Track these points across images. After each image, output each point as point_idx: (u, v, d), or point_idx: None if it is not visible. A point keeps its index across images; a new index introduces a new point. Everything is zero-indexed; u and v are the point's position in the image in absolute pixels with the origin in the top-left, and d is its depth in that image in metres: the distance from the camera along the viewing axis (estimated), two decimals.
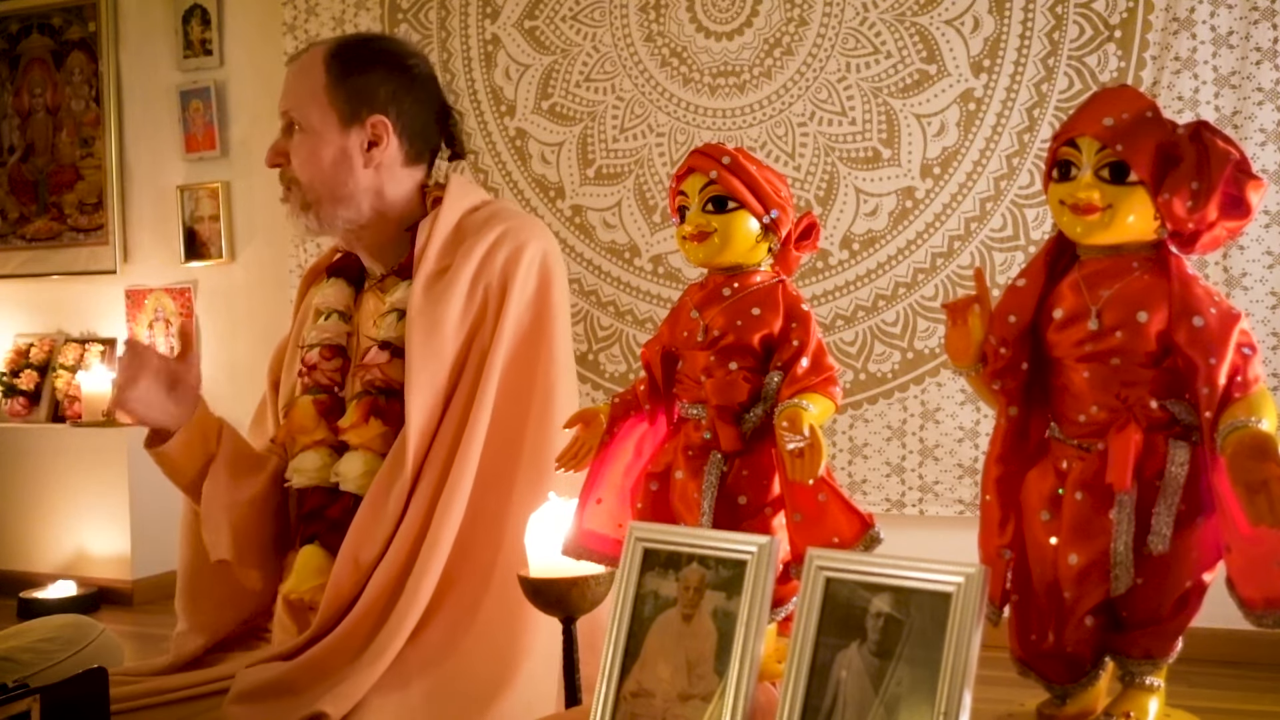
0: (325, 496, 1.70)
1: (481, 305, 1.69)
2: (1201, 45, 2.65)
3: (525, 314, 1.71)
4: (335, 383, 1.77)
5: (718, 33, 3.09)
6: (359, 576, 1.61)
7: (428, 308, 1.67)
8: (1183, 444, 1.04)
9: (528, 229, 1.75)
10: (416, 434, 1.63)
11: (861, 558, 0.94)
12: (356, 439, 1.68)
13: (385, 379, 1.68)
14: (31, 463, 3.79)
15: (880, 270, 2.94)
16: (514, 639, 1.56)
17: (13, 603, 3.50)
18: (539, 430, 1.66)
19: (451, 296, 1.68)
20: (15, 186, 4.14)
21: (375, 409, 1.67)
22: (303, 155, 1.72)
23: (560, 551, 1.33)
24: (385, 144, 1.74)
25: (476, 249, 1.70)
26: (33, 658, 1.71)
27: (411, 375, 1.65)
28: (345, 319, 1.81)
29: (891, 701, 0.87)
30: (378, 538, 1.61)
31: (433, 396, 1.65)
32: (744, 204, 1.26)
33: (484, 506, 1.63)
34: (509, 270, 1.70)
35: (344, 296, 1.83)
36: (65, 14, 4.02)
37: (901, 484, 2.91)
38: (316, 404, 1.74)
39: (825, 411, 1.21)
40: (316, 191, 1.72)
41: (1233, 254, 2.64)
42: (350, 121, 1.72)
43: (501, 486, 1.65)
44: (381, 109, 1.74)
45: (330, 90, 1.72)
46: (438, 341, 1.66)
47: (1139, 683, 1.09)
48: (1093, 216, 1.05)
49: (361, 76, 1.74)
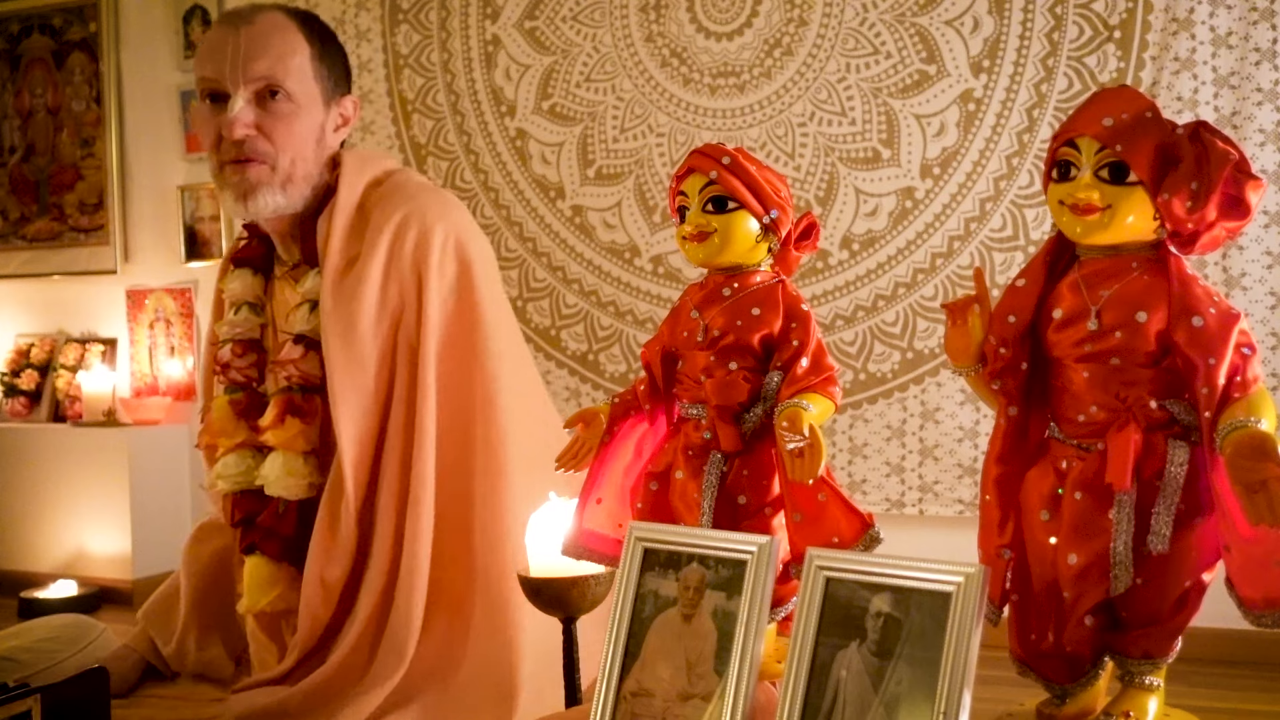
0: (255, 501, 1.63)
1: (399, 300, 1.59)
2: (1201, 46, 2.65)
3: (450, 303, 1.60)
4: (252, 379, 1.67)
5: (718, 33, 3.09)
6: (328, 595, 1.55)
7: (339, 309, 1.57)
8: (1182, 444, 1.05)
9: (434, 209, 1.62)
10: (351, 446, 1.55)
11: (861, 558, 0.94)
12: (275, 440, 1.59)
13: (302, 375, 1.60)
14: (32, 463, 3.79)
15: (880, 270, 2.94)
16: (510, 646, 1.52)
17: (13, 602, 3.50)
18: (487, 424, 1.57)
19: (363, 293, 1.57)
20: (16, 186, 4.14)
21: (292, 407, 1.59)
22: (289, 129, 1.59)
23: (560, 551, 1.33)
24: (350, 124, 1.67)
25: (382, 237, 1.59)
26: (34, 657, 1.71)
27: (334, 382, 1.55)
28: (258, 310, 1.71)
29: (891, 701, 0.88)
30: (339, 557, 1.55)
31: (360, 402, 1.56)
32: (744, 204, 1.26)
33: (450, 512, 1.56)
34: (420, 258, 1.58)
35: (253, 287, 1.72)
36: (66, 14, 4.02)
37: (901, 484, 2.91)
38: (233, 404, 1.65)
39: (825, 411, 1.21)
40: (297, 170, 1.61)
41: (1232, 254, 2.64)
42: (330, 98, 1.64)
43: (462, 489, 1.57)
44: (350, 88, 1.67)
45: (315, 63, 1.62)
46: (355, 342, 1.56)
47: (1138, 682, 1.10)
48: (1092, 217, 1.05)
49: (335, 53, 1.67)
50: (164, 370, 3.92)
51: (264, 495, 1.62)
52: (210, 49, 1.60)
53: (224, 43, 1.58)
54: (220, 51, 1.58)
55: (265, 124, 1.59)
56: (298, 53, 1.60)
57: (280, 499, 1.60)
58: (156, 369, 3.93)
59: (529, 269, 3.26)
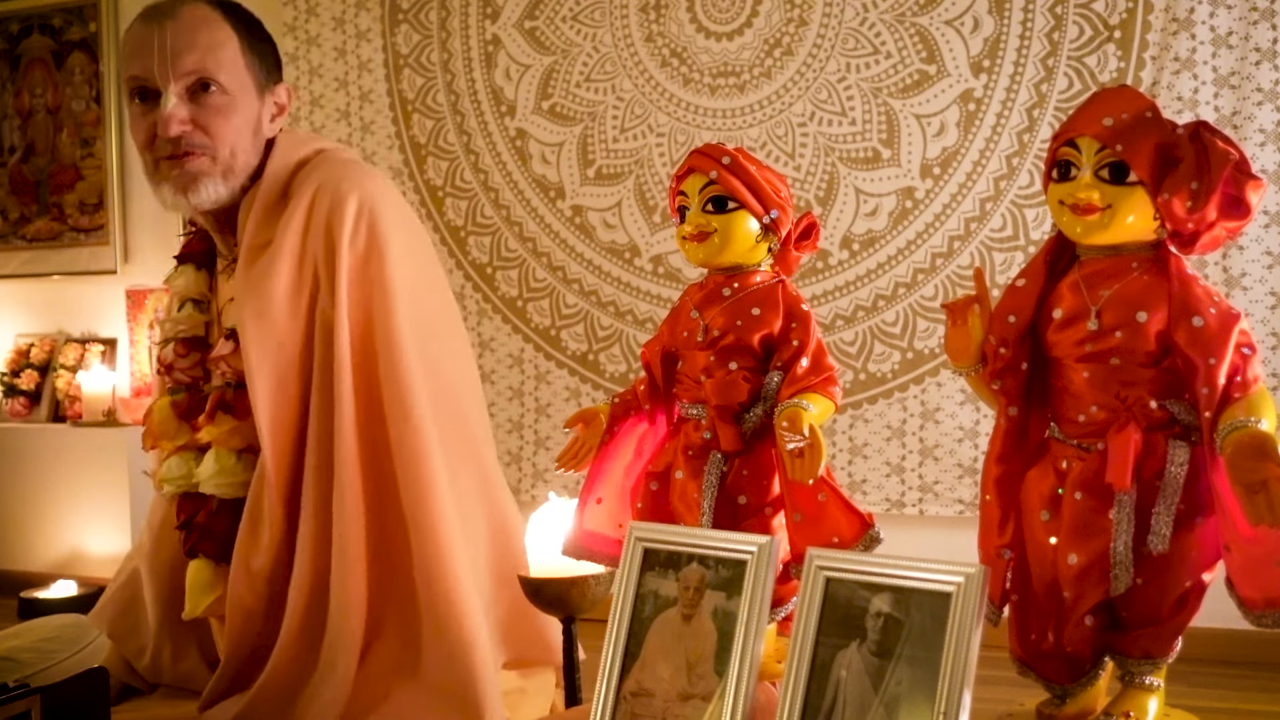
0: (198, 503, 1.59)
1: (314, 277, 1.52)
2: (1201, 45, 2.65)
3: (360, 275, 1.52)
4: (197, 379, 1.62)
5: (718, 33, 3.09)
6: (255, 587, 1.51)
7: (251, 291, 1.51)
8: (1182, 444, 1.04)
9: (349, 178, 1.55)
10: (270, 431, 1.49)
11: (861, 558, 0.94)
12: (208, 437, 1.56)
13: (234, 371, 1.54)
14: (31, 463, 3.79)
15: (880, 270, 2.94)
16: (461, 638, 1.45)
17: (13, 602, 3.50)
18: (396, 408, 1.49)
19: (276, 273, 1.50)
20: (16, 186, 4.14)
21: (223, 404, 1.55)
22: (226, 121, 1.54)
23: (560, 551, 1.33)
24: (286, 113, 1.62)
25: (295, 216, 1.52)
26: (33, 657, 1.71)
27: (249, 370, 1.50)
28: (202, 308, 1.67)
29: (891, 701, 0.88)
30: (263, 545, 1.50)
31: (275, 384, 1.50)
32: (744, 204, 1.26)
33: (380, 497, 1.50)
34: (333, 231, 1.51)
35: (197, 283, 1.68)
36: (66, 14, 4.02)
37: (901, 484, 2.91)
38: (175, 405, 1.61)
39: (825, 411, 1.21)
40: (237, 160, 1.56)
41: (1232, 254, 2.64)
42: (263, 87, 1.59)
43: (385, 473, 1.51)
44: (280, 76, 1.63)
45: (246, 53, 1.57)
46: (268, 327, 1.50)
47: (1139, 682, 1.09)
48: (1092, 216, 1.05)
49: (263, 41, 1.62)
50: None
51: (204, 497, 1.58)
52: (135, 47, 1.55)
53: (149, 39, 1.53)
54: (146, 48, 1.53)
55: (200, 118, 1.54)
56: (226, 44, 1.56)
57: (214, 498, 1.57)
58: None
59: (529, 269, 3.26)
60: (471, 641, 1.45)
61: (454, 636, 1.45)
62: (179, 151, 1.53)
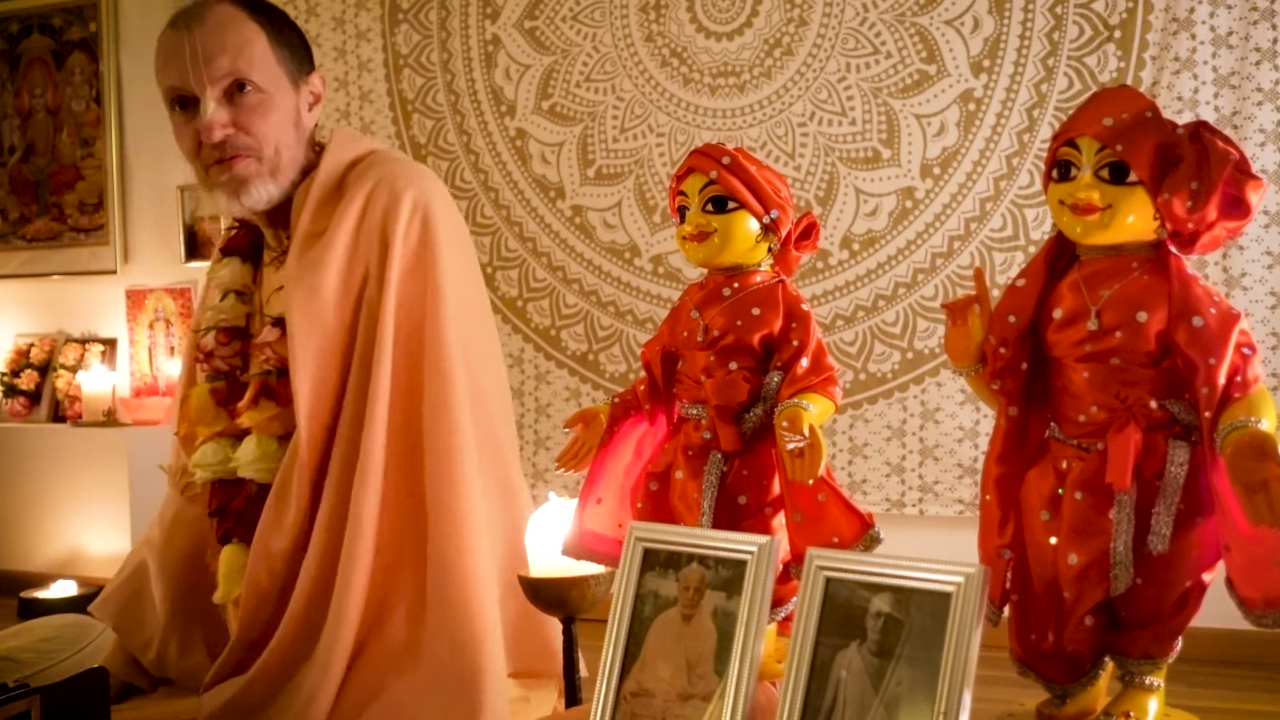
0: (232, 490, 1.60)
1: (365, 267, 1.55)
2: (1201, 45, 2.65)
3: (411, 269, 1.55)
4: (235, 368, 1.64)
5: (718, 33, 3.09)
6: (273, 567, 1.51)
7: (302, 276, 1.53)
8: (1182, 444, 1.04)
9: (405, 176, 1.58)
10: (307, 413, 1.50)
11: (861, 558, 0.94)
12: (250, 421, 1.57)
13: (279, 358, 1.56)
14: (31, 463, 3.79)
15: (880, 270, 2.94)
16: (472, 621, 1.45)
17: (13, 602, 3.50)
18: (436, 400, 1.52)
19: (328, 261, 1.53)
20: (16, 186, 4.14)
21: (266, 390, 1.56)
22: (265, 119, 1.56)
23: (560, 551, 1.33)
24: (322, 101, 1.64)
25: (351, 207, 1.55)
26: (33, 657, 1.71)
27: (294, 350, 1.51)
28: (244, 299, 1.68)
29: (891, 701, 0.88)
30: (285, 526, 1.51)
31: (318, 370, 1.52)
32: (744, 204, 1.26)
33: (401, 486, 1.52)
34: (388, 224, 1.54)
35: (241, 275, 1.69)
36: (65, 14, 4.02)
37: (901, 484, 2.91)
38: (214, 392, 1.62)
39: (825, 411, 1.21)
40: (283, 157, 1.58)
41: (1232, 254, 2.64)
42: (296, 80, 1.61)
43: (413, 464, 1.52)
44: (312, 65, 1.65)
45: (275, 48, 1.58)
46: (317, 309, 1.52)
47: (1139, 682, 1.09)
48: (1092, 216, 1.05)
49: (290, 32, 1.63)
50: (164, 370, 3.91)
51: (240, 483, 1.59)
52: (167, 56, 1.57)
53: (180, 46, 1.55)
54: (178, 56, 1.55)
55: (240, 119, 1.55)
56: (255, 41, 1.56)
57: (252, 482, 1.58)
58: (156, 369, 3.93)
59: (529, 269, 3.26)
60: (481, 638, 1.45)
61: (464, 632, 1.45)
62: (225, 156, 1.55)
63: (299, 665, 1.48)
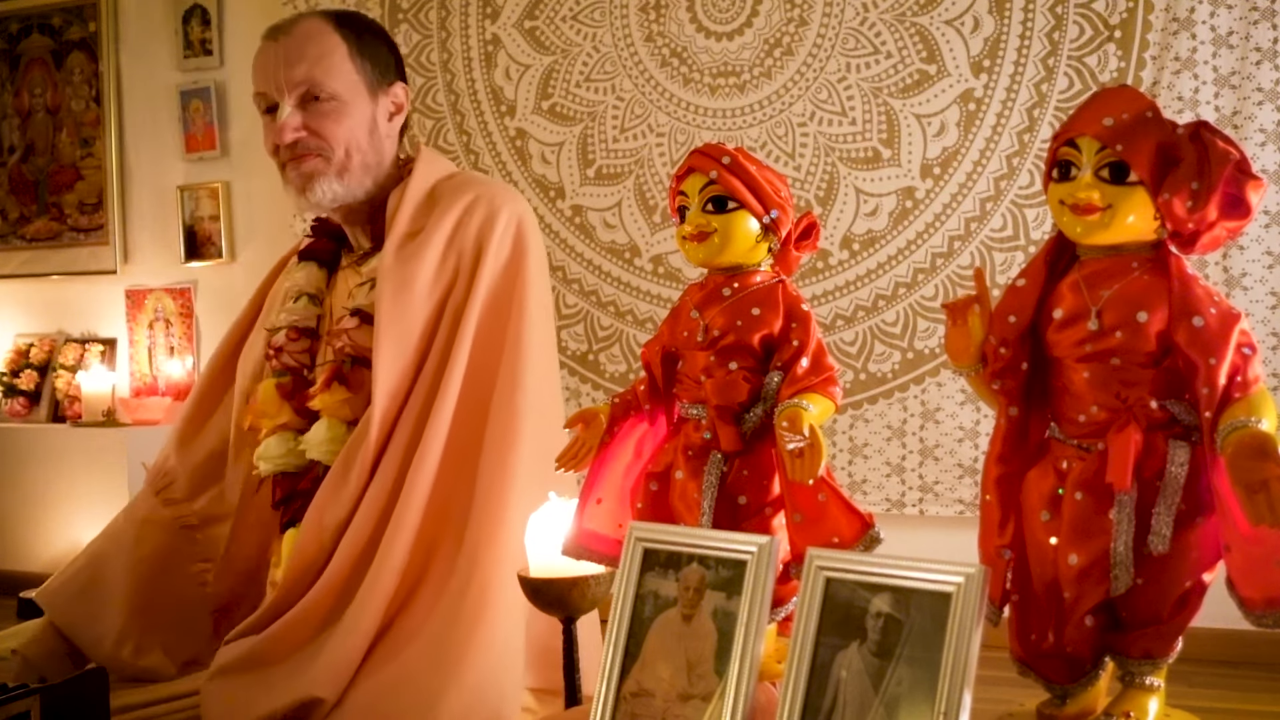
0: (296, 482, 1.67)
1: (455, 268, 1.66)
2: (1201, 45, 2.65)
3: (499, 278, 1.67)
4: (303, 365, 1.74)
5: (718, 33, 3.09)
6: (323, 539, 1.57)
7: (397, 269, 1.64)
8: (1183, 444, 1.04)
9: (502, 194, 1.73)
10: (383, 396, 1.59)
11: (861, 558, 0.94)
12: (321, 404, 1.65)
13: (354, 345, 1.66)
14: (31, 463, 3.79)
15: (880, 270, 2.94)
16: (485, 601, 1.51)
17: (13, 603, 3.50)
18: (505, 398, 1.62)
19: (423, 258, 1.65)
20: (15, 186, 4.14)
21: (339, 375, 1.64)
22: (337, 124, 1.68)
23: (560, 551, 1.33)
24: (405, 111, 1.75)
25: (451, 212, 1.68)
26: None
27: (379, 336, 1.61)
28: (316, 302, 1.78)
29: (891, 701, 0.88)
30: (343, 500, 1.57)
31: (400, 359, 1.62)
32: (744, 204, 1.26)
33: (453, 473, 1.59)
34: (484, 234, 1.67)
35: (315, 279, 1.80)
36: (65, 14, 4.02)
37: (901, 484, 2.91)
38: (280, 387, 1.71)
39: (825, 411, 1.21)
40: (353, 160, 1.69)
41: (1233, 254, 2.64)
42: (376, 89, 1.72)
43: (470, 454, 1.60)
44: (398, 76, 1.76)
45: (354, 59, 1.70)
46: (407, 302, 1.63)
47: (1139, 683, 1.09)
48: (1093, 216, 1.05)
49: (376, 44, 1.74)
50: (163, 370, 3.92)
51: (304, 475, 1.66)
52: (258, 65, 1.71)
53: (268, 56, 1.69)
54: (266, 65, 1.68)
55: (313, 123, 1.67)
56: (334, 52, 1.68)
57: (319, 464, 1.64)
58: (156, 369, 3.93)
59: None
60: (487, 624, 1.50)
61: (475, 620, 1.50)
62: (296, 155, 1.68)
63: (324, 628, 1.53)
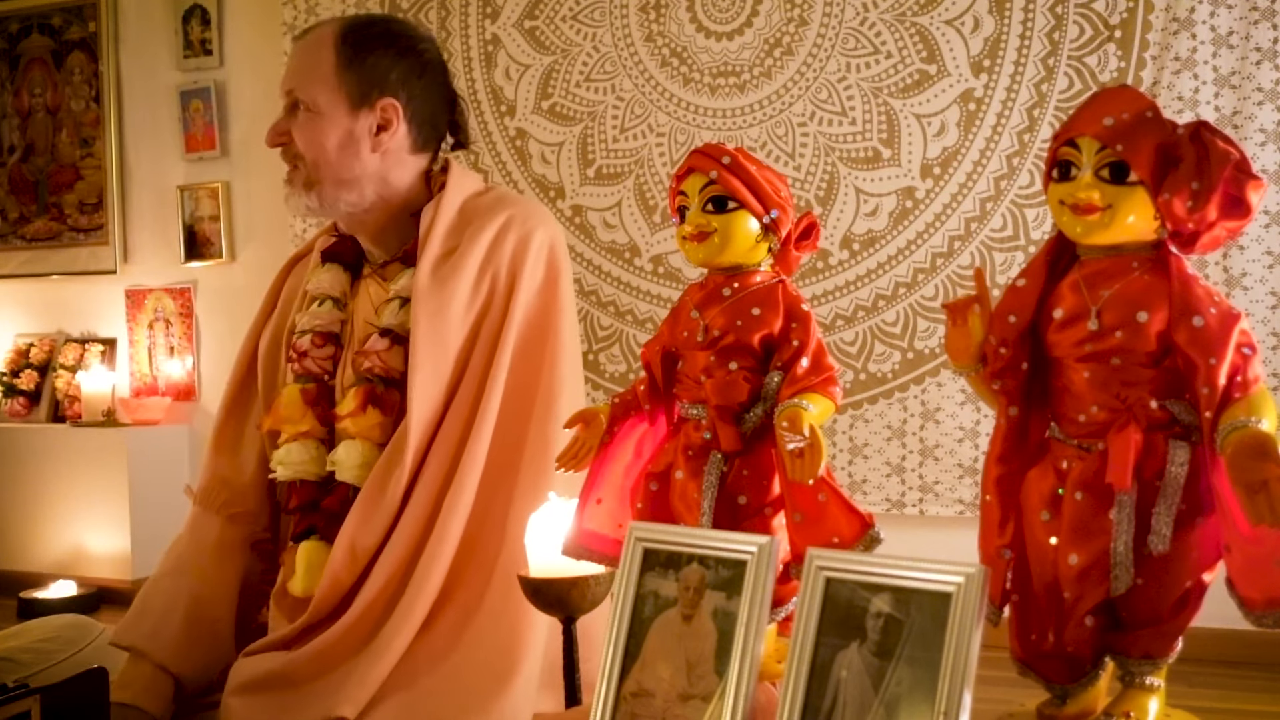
0: (314, 490, 1.66)
1: (489, 291, 1.66)
2: (1201, 45, 2.65)
3: (534, 303, 1.68)
4: (326, 371, 1.72)
5: (718, 33, 3.09)
6: (355, 564, 1.57)
7: (433, 291, 1.64)
8: (1183, 444, 1.04)
9: (535, 216, 1.73)
10: (419, 421, 1.59)
11: (861, 558, 0.94)
12: (354, 428, 1.63)
13: (385, 367, 1.65)
14: (31, 463, 3.79)
15: (880, 270, 2.94)
16: (516, 635, 1.53)
17: (13, 603, 3.50)
18: (542, 424, 1.63)
19: (459, 280, 1.64)
20: (15, 186, 4.14)
21: (373, 397, 1.63)
22: (308, 136, 1.67)
23: (560, 551, 1.33)
24: (394, 129, 1.70)
25: (484, 233, 1.67)
26: (33, 658, 1.70)
27: (416, 360, 1.61)
28: (340, 306, 1.77)
29: (891, 701, 0.87)
30: (376, 526, 1.57)
31: (436, 383, 1.61)
32: (744, 204, 1.26)
33: (488, 499, 1.60)
34: (518, 257, 1.67)
35: (339, 283, 1.78)
36: (65, 14, 4.02)
37: (901, 484, 2.91)
38: (304, 393, 1.69)
39: (825, 411, 1.21)
40: (321, 173, 1.68)
41: (1233, 254, 2.64)
42: (359, 104, 1.68)
43: (505, 480, 1.61)
44: (392, 92, 1.70)
45: (340, 72, 1.67)
46: (443, 326, 1.63)
47: (1139, 683, 1.09)
48: (1093, 216, 1.05)
49: (372, 58, 1.69)
50: (163, 370, 3.92)
51: (323, 484, 1.66)
52: None
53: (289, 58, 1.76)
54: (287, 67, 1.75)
55: (292, 133, 1.69)
56: (322, 63, 1.68)
57: (349, 486, 1.63)
58: (156, 369, 3.93)
59: None
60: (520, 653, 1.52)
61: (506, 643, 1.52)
62: (288, 162, 1.72)
63: (357, 651, 1.53)
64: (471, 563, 1.58)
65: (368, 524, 1.57)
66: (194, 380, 3.87)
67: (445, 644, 1.54)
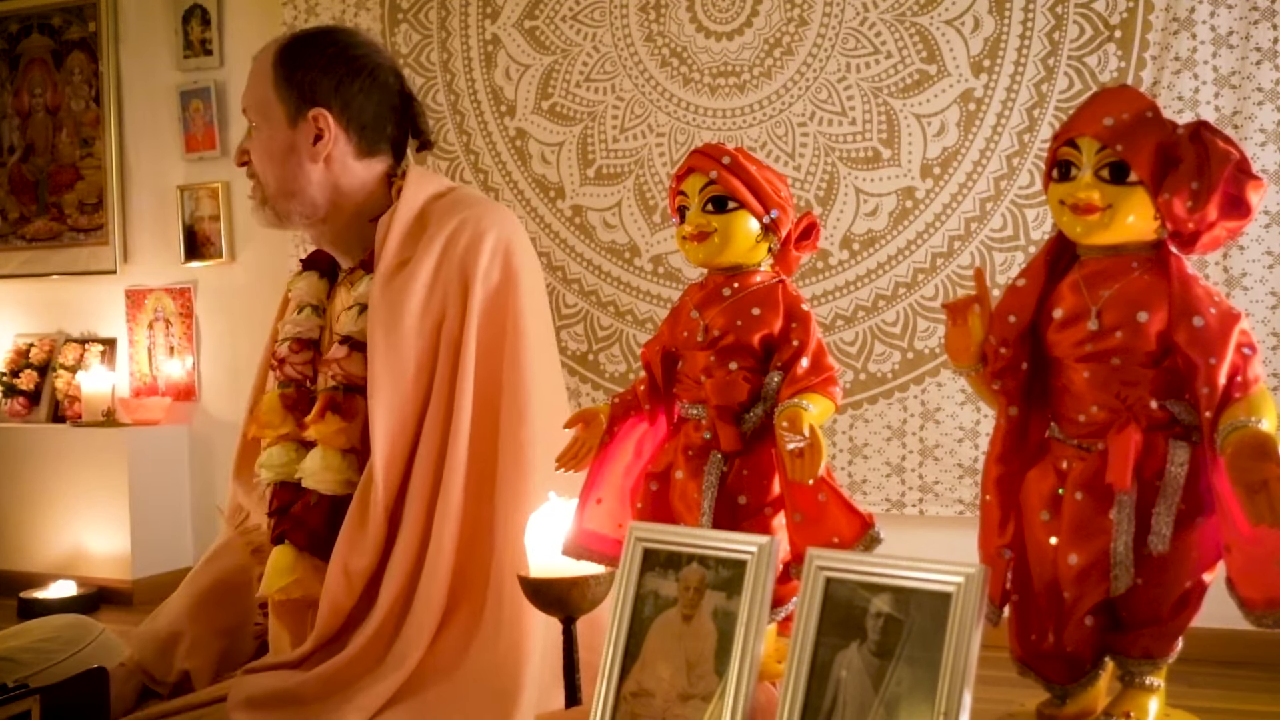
0: (292, 493, 1.69)
1: (442, 299, 1.66)
2: (1201, 45, 2.65)
3: (491, 305, 1.67)
4: (305, 376, 1.75)
5: (718, 33, 3.09)
6: (351, 587, 1.60)
7: (386, 303, 1.64)
8: (1183, 444, 1.04)
9: (489, 216, 1.71)
10: (384, 437, 1.60)
11: (861, 558, 0.94)
12: (316, 434, 1.66)
13: (345, 374, 1.67)
14: (31, 463, 3.79)
15: (880, 270, 2.94)
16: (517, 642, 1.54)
17: (13, 603, 3.50)
18: (513, 426, 1.62)
19: (411, 291, 1.65)
20: (15, 186, 4.14)
21: (333, 404, 1.65)
22: (258, 151, 1.74)
23: (560, 551, 1.33)
24: (329, 137, 1.72)
25: (436, 240, 1.67)
26: (33, 658, 1.71)
27: (374, 375, 1.62)
28: (319, 312, 1.80)
29: (891, 701, 0.87)
30: (366, 547, 1.59)
31: (397, 396, 1.62)
32: (744, 204, 1.26)
33: (475, 506, 1.61)
34: (469, 260, 1.66)
35: (317, 290, 1.81)
36: (65, 14, 4.02)
37: (901, 484, 2.91)
38: (283, 398, 1.73)
39: (825, 411, 1.21)
40: (271, 187, 1.73)
41: (1233, 254, 2.64)
42: (296, 117, 1.72)
43: (486, 485, 1.62)
44: (323, 102, 1.72)
45: (277, 87, 1.72)
46: (398, 338, 1.63)
47: (1139, 683, 1.09)
48: (1093, 216, 1.05)
49: (304, 71, 1.72)
50: (163, 370, 3.91)
51: (301, 487, 1.68)
52: None
53: None
54: None
55: (250, 151, 1.76)
56: (263, 81, 1.74)
57: (314, 492, 1.65)
58: (156, 369, 3.93)
59: None
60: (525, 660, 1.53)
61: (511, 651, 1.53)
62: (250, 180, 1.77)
63: (367, 673, 1.55)
64: (468, 570, 1.59)
65: (356, 546, 1.59)
66: (194, 380, 3.87)
67: (450, 659, 1.56)
